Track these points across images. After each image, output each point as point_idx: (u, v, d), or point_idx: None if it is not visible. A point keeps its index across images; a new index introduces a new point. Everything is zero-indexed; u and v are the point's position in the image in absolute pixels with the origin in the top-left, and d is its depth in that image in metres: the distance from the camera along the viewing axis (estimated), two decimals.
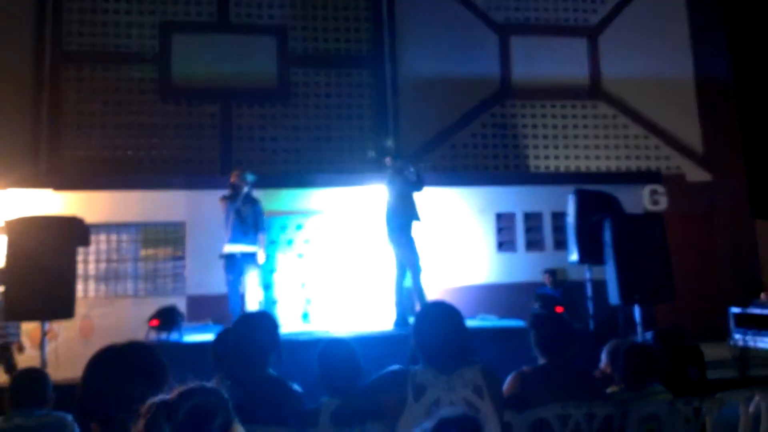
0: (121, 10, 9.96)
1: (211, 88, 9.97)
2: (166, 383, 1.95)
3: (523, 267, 9.18)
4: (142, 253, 8.81)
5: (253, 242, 6.55)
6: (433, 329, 2.55)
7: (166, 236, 8.84)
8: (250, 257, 6.52)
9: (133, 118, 9.66)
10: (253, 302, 6.52)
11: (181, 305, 7.46)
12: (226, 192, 6.71)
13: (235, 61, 10.07)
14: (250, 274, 6.53)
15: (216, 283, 8.19)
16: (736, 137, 10.97)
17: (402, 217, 6.18)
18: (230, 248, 6.52)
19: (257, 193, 6.77)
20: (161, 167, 9.54)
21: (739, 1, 11.36)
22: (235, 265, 6.51)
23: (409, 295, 6.31)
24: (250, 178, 6.62)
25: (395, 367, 2.58)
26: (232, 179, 6.71)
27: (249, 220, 6.57)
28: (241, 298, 6.54)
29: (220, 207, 6.66)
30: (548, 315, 3.26)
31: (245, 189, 6.55)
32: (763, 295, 8.23)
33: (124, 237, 8.84)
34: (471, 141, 10.48)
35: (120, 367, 1.88)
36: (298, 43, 10.40)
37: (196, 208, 8.49)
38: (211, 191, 8.78)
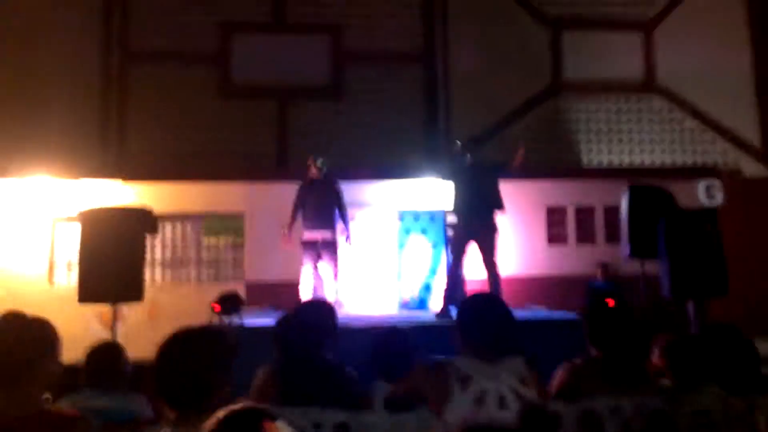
0: (183, 11, 10.32)
1: (268, 85, 10.25)
2: (235, 357, 2.09)
3: (574, 260, 9.18)
4: (205, 241, 9.24)
5: (333, 228, 6.70)
6: (476, 319, 2.57)
7: (227, 226, 9.23)
8: (330, 245, 6.67)
9: (195, 115, 10.01)
10: (330, 290, 6.66)
11: (241, 291, 7.76)
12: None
13: (291, 60, 10.33)
14: (328, 261, 6.68)
15: (273, 270, 8.54)
16: None
17: (485, 208, 6.25)
18: (310, 235, 6.67)
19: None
20: (222, 161, 9.87)
21: None
22: (314, 251, 6.66)
23: (458, 287, 6.41)
24: (321, 162, 6.79)
25: (438, 357, 2.60)
26: (311, 170, 6.83)
27: (329, 206, 6.69)
28: (318, 286, 6.69)
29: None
30: (604, 306, 3.25)
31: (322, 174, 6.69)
32: None
33: (189, 226, 9.27)
34: (522, 135, 10.43)
35: (193, 351, 2.00)
36: (352, 41, 10.57)
37: (254, 199, 8.85)
38: (268, 183, 9.16)
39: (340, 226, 6.81)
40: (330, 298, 6.53)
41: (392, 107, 10.45)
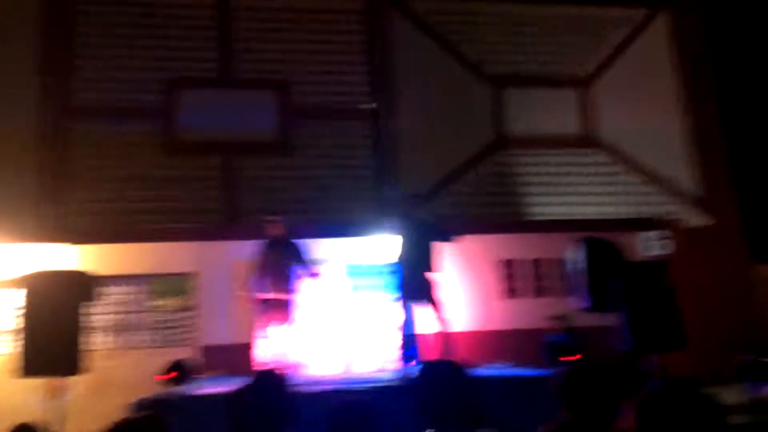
0: (127, 67, 10.12)
1: (215, 141, 10.10)
2: None
3: (529, 313, 9.25)
4: (153, 304, 8.83)
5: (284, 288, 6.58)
6: (436, 392, 2.44)
7: (176, 287, 8.86)
8: (285, 304, 6.56)
9: (139, 171, 9.72)
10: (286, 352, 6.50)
11: (193, 356, 7.42)
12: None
13: (238, 115, 10.24)
14: (283, 320, 6.57)
15: (228, 333, 8.22)
16: (728, 182, 11.20)
17: (420, 265, 6.26)
18: (266, 294, 6.59)
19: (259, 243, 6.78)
20: (169, 219, 9.56)
21: (725, 50, 11.78)
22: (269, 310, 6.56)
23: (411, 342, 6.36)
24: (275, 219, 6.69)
25: None
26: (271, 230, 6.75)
27: (279, 264, 6.60)
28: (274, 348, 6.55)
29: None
30: (574, 370, 3.23)
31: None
32: None
33: (134, 288, 8.86)
34: (469, 190, 10.63)
35: None
36: (300, 97, 10.59)
37: (204, 258, 8.55)
38: (218, 241, 8.90)
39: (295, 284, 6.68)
40: (286, 360, 6.35)
41: (341, 163, 10.45)
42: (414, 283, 6.25)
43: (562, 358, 6.73)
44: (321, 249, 8.93)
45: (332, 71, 10.79)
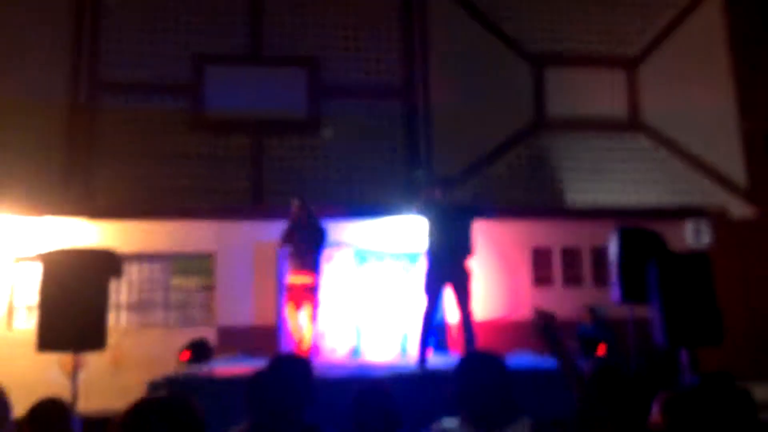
0: (156, 41, 10.07)
1: (242, 119, 9.99)
2: None
3: (560, 303, 8.95)
4: (173, 283, 8.81)
5: (309, 272, 6.43)
6: (477, 383, 2.39)
7: (197, 266, 8.82)
8: (311, 289, 6.42)
9: (166, 149, 9.69)
10: (305, 338, 6.38)
11: (211, 336, 7.37)
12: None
13: (266, 93, 10.10)
14: (305, 306, 6.41)
15: (246, 314, 8.16)
16: None
17: (456, 251, 6.04)
18: (293, 279, 6.45)
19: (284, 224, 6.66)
20: (193, 198, 9.52)
21: None
22: (295, 296, 6.44)
23: (432, 333, 6.20)
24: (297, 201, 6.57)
25: (433, 428, 2.47)
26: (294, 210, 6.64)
27: (304, 248, 6.45)
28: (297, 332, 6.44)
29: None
30: (609, 368, 3.08)
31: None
32: None
33: (156, 267, 8.85)
34: (506, 173, 10.33)
35: (158, 425, 1.84)
36: (330, 74, 10.40)
37: (226, 238, 8.47)
38: (241, 221, 8.80)
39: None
40: (309, 344, 6.24)
41: (371, 143, 10.25)
42: (445, 269, 6.01)
43: (589, 350, 6.46)
44: (347, 231, 8.78)
45: (365, 48, 10.56)
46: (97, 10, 10.01)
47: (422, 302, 6.14)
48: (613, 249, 6.29)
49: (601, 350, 6.43)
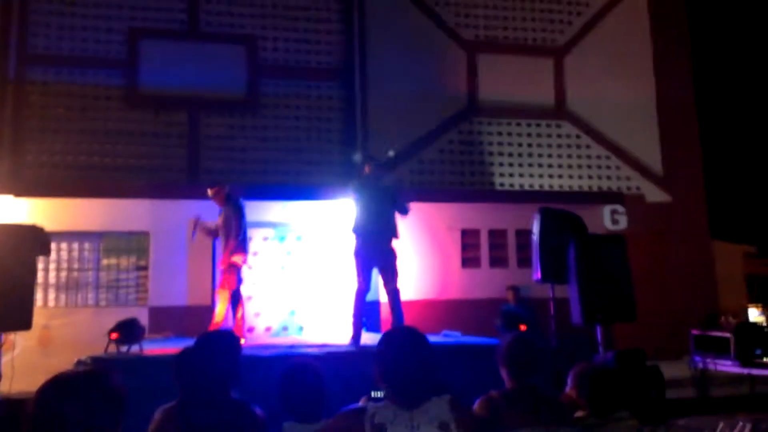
0: (89, 15, 9.79)
1: (179, 96, 9.86)
2: (122, 413, 1.90)
3: (487, 283, 9.29)
4: (104, 262, 8.66)
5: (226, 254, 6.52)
6: (398, 359, 2.41)
7: (129, 246, 8.71)
8: (224, 270, 6.53)
9: (98, 125, 9.50)
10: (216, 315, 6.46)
11: (143, 316, 7.33)
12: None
13: (204, 70, 9.98)
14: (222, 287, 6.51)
15: (178, 295, 8.11)
16: (695, 159, 11.28)
17: (384, 233, 6.17)
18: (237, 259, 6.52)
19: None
20: (126, 175, 9.38)
21: (703, 28, 11.72)
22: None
23: (363, 313, 6.34)
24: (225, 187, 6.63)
25: (352, 406, 2.47)
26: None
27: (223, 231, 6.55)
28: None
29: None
30: (516, 338, 3.16)
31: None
32: (723, 319, 8.44)
33: (86, 246, 8.68)
34: (438, 157, 10.57)
35: (73, 398, 1.81)
36: (269, 54, 10.36)
37: (160, 217, 8.37)
38: (176, 200, 8.71)
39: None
40: (237, 323, 6.32)
41: (309, 124, 10.29)
42: (373, 250, 6.14)
43: (512, 327, 6.75)
44: (282, 212, 8.82)
45: (304, 29, 10.54)
46: None
47: (353, 282, 6.27)
48: (534, 230, 6.51)
49: (523, 328, 6.73)
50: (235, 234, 6.50)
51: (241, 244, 6.51)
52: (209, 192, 6.73)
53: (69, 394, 1.81)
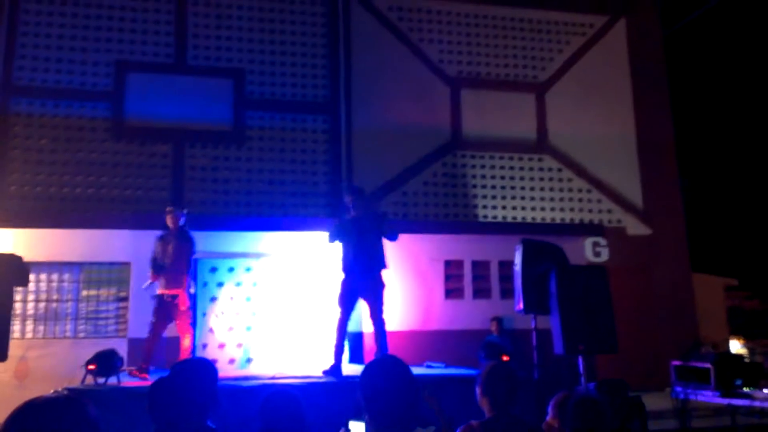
0: (76, 48, 9.86)
1: (164, 127, 9.91)
2: None
3: (470, 314, 9.29)
4: (84, 293, 8.57)
5: (179, 284, 6.43)
6: (382, 388, 2.38)
7: (110, 276, 8.63)
8: (177, 300, 6.44)
9: (82, 156, 9.50)
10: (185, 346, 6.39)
11: (123, 348, 7.23)
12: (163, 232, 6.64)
13: (190, 102, 10.06)
14: (179, 317, 6.43)
15: None
16: (675, 193, 11.45)
17: (372, 266, 6.17)
18: (161, 291, 6.43)
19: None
20: (109, 206, 9.35)
21: (680, 62, 12.02)
22: (162, 308, 6.41)
23: (344, 343, 6.31)
24: (183, 213, 6.57)
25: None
26: (168, 219, 6.62)
27: (174, 259, 6.45)
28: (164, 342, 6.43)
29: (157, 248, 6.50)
30: (495, 367, 3.15)
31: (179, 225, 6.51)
32: (703, 349, 8.47)
33: (66, 276, 8.59)
34: (422, 189, 10.65)
35: (43, 426, 1.74)
36: (255, 87, 10.47)
37: (142, 248, 8.28)
38: (159, 231, 8.66)
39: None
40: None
41: (294, 156, 10.35)
42: (359, 282, 6.14)
43: (494, 358, 6.73)
44: (265, 242, 8.82)
45: (290, 63, 10.68)
46: (14, 13, 9.73)
47: (336, 313, 6.26)
48: (517, 261, 6.55)
49: (505, 358, 6.71)
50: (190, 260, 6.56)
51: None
52: (169, 211, 6.70)
53: (42, 420, 1.75)
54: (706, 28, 12.50)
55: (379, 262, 6.20)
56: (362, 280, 6.13)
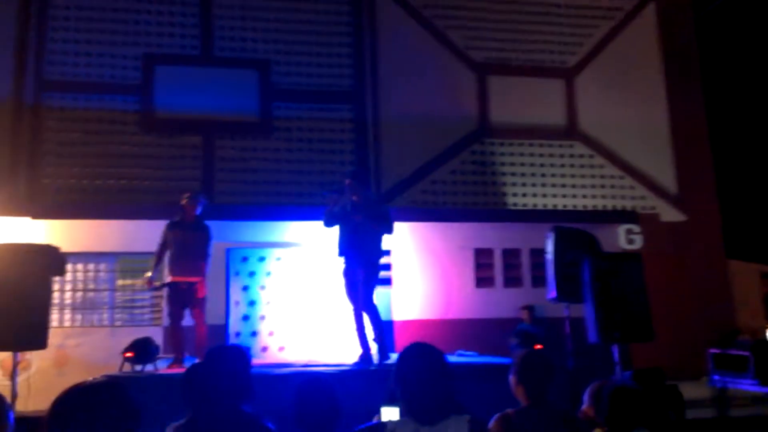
0: (104, 42, 9.98)
1: (193, 119, 9.99)
2: (138, 426, 1.89)
3: (501, 303, 9.24)
4: (119, 282, 8.73)
5: (197, 272, 6.35)
6: (417, 374, 2.38)
7: (144, 266, 8.76)
8: (193, 287, 6.34)
9: (113, 149, 9.62)
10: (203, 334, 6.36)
11: (158, 336, 7.34)
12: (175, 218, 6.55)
13: (218, 94, 10.13)
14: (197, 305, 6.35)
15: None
16: (710, 178, 11.22)
17: (371, 253, 6.14)
18: (174, 278, 6.36)
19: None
20: (141, 197, 9.47)
21: (713, 45, 11.74)
22: (179, 296, 6.35)
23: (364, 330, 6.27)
24: (202, 201, 6.47)
25: (370, 423, 2.46)
26: (183, 202, 6.53)
27: (191, 246, 6.36)
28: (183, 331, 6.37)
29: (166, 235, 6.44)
30: (530, 355, 3.16)
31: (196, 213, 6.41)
32: (741, 336, 8.32)
33: (102, 266, 8.76)
34: (450, 177, 10.59)
35: (88, 409, 1.80)
36: (282, 77, 10.49)
37: None
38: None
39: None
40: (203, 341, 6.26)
41: (321, 146, 10.37)
42: (354, 268, 6.08)
43: (527, 347, 6.70)
44: (293, 231, 8.87)
45: (316, 53, 10.67)
46: (44, 9, 9.87)
47: (348, 306, 6.24)
48: (548, 249, 6.49)
49: (538, 347, 6.67)
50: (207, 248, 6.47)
51: None
52: (185, 198, 6.59)
53: (86, 404, 1.81)
54: (739, 10, 12.15)
55: (374, 248, 6.12)
56: (358, 266, 6.10)
